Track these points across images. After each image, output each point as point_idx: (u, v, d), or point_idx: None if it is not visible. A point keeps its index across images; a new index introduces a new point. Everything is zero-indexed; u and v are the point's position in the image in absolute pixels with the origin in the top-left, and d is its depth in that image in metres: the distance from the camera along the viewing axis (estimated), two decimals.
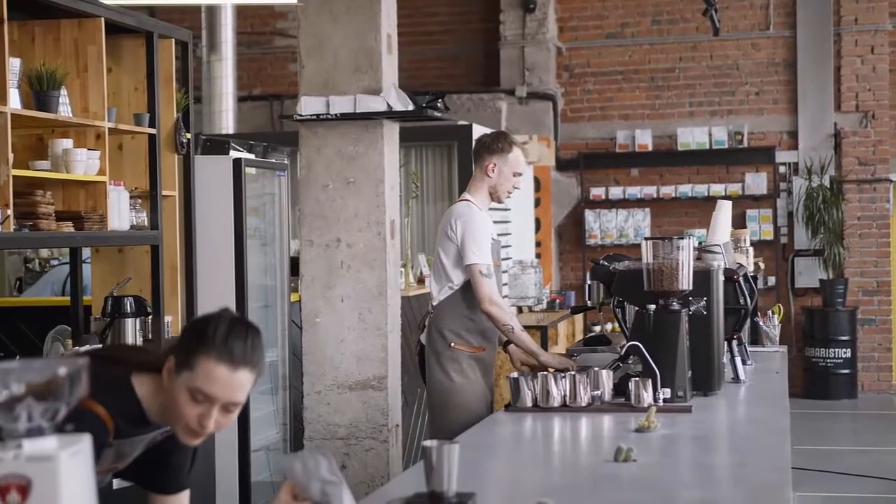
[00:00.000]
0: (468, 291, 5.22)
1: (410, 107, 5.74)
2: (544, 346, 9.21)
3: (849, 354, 12.39)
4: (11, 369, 1.73)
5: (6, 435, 1.72)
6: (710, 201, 12.68)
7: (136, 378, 2.69)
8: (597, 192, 13.09)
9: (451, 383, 5.19)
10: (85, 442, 1.77)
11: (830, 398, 12.25)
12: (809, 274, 12.73)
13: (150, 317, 5.62)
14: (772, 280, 12.70)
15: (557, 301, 11.04)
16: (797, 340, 12.73)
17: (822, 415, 11.65)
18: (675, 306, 4.42)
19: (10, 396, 1.72)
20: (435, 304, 5.31)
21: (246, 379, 2.58)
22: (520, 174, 5.39)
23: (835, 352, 12.37)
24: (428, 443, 2.71)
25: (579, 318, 11.26)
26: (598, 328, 12.24)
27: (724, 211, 5.64)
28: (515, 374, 4.39)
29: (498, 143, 5.37)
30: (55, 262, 8.83)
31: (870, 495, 8.21)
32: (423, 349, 5.42)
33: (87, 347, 5.12)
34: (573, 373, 4.34)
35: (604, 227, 13.09)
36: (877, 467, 8.97)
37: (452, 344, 5.24)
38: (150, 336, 5.64)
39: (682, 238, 4.44)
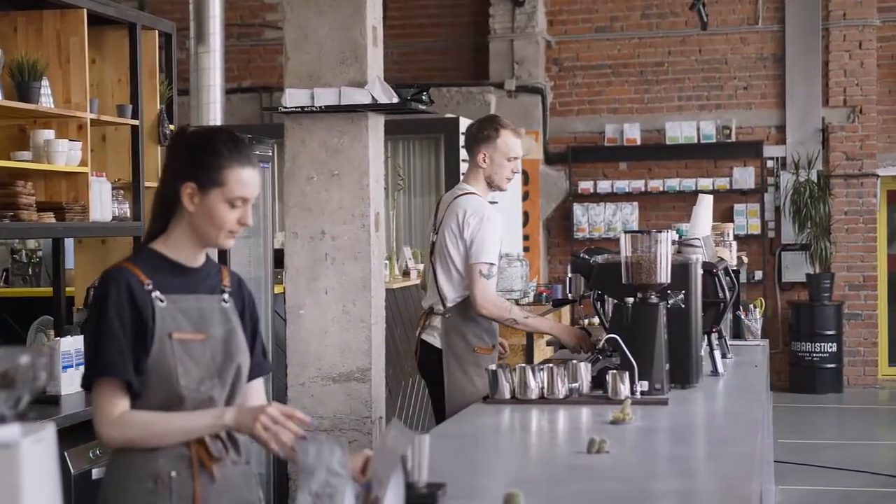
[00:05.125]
0: None
1: (395, 99, 5.73)
2: (529, 339, 9.21)
3: (835, 349, 12.43)
4: None
5: None
6: (697, 196, 12.67)
7: (153, 244, 2.93)
8: (585, 185, 13.12)
9: (474, 388, 5.01)
10: (48, 430, 1.79)
11: (816, 392, 12.30)
12: (796, 268, 12.76)
13: None
14: (759, 274, 12.74)
15: (545, 294, 11.05)
16: (784, 335, 12.77)
17: (807, 409, 11.69)
18: (653, 299, 4.43)
19: None
20: (449, 304, 5.14)
21: (258, 174, 2.93)
22: (514, 158, 5.21)
23: (821, 346, 12.41)
24: None
25: (566, 311, 11.28)
26: (585, 321, 12.27)
27: (705, 205, 5.66)
28: (493, 367, 4.41)
29: (484, 130, 5.21)
30: (41, 254, 8.83)
31: (855, 489, 8.24)
32: (428, 350, 5.25)
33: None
34: (551, 366, 4.35)
35: (592, 220, 13.11)
36: (862, 461, 9.01)
37: (476, 348, 5.13)
38: None
39: (661, 232, 4.46)
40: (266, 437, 2.73)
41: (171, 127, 6.02)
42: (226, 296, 2.98)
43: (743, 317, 6.50)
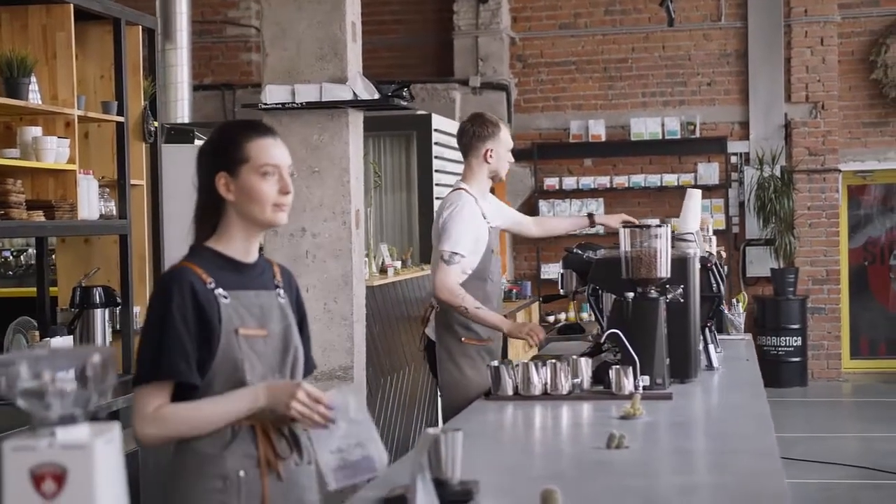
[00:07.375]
0: (472, 283, 5.14)
1: (376, 95, 5.72)
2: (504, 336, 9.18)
3: (799, 342, 12.53)
4: (42, 357, 1.71)
5: (39, 423, 1.70)
6: (662, 191, 12.79)
7: (207, 242, 2.91)
8: (550, 182, 13.13)
9: (463, 378, 5.11)
10: (115, 430, 1.75)
11: (781, 386, 12.38)
12: (760, 263, 12.85)
13: (118, 307, 5.55)
14: (724, 269, 12.79)
15: (514, 291, 11.08)
16: (748, 329, 12.84)
17: (773, 402, 11.58)
18: (654, 294, 4.43)
19: (41, 384, 1.69)
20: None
21: (282, 144, 2.94)
22: (510, 148, 5.44)
23: (785, 340, 12.51)
24: (432, 430, 2.71)
25: (535, 307, 11.30)
26: (551, 318, 12.30)
27: (695, 199, 5.67)
28: (496, 363, 4.39)
29: (487, 128, 5.33)
30: (6, 253, 8.71)
31: (821, 481, 8.31)
32: (430, 344, 5.32)
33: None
34: (553, 361, 4.33)
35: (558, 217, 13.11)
36: (828, 453, 9.09)
37: (463, 339, 5.20)
38: (118, 327, 5.57)
39: (661, 226, 4.45)
40: (299, 419, 2.77)
41: (155, 124, 5.95)
42: (281, 291, 2.97)
43: (726, 311, 6.52)
